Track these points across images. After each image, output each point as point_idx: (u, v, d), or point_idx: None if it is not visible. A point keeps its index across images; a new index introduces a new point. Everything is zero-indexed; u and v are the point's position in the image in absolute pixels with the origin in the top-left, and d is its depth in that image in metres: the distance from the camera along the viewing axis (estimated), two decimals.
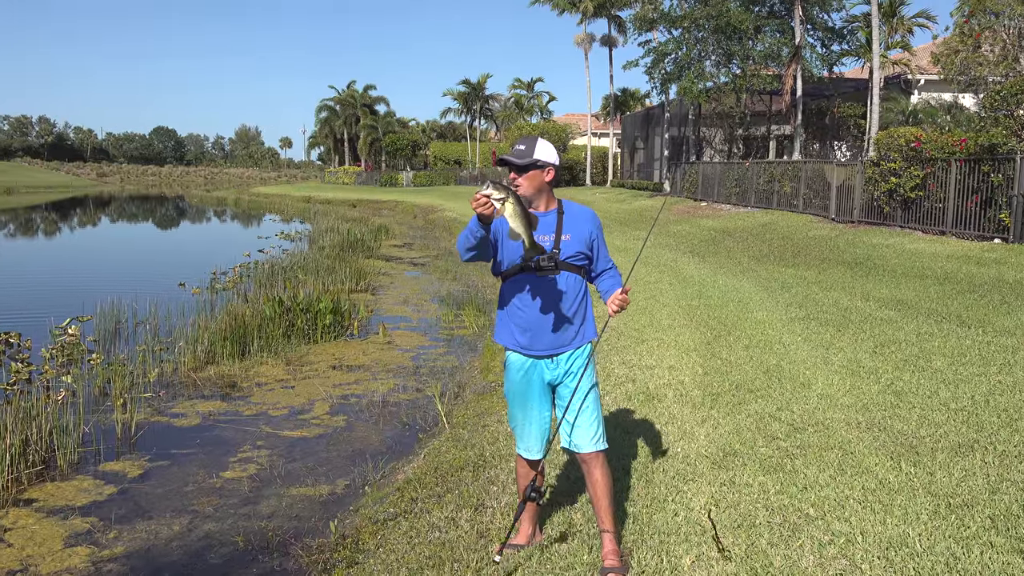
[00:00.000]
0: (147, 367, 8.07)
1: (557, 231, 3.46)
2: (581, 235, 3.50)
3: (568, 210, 3.55)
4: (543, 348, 3.47)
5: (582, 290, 3.54)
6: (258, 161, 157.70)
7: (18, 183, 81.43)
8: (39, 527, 4.72)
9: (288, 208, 44.67)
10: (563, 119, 60.87)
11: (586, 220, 3.56)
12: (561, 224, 3.48)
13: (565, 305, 3.46)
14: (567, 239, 3.47)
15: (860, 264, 12.62)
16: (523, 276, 3.44)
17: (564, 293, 3.46)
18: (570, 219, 3.52)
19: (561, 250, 3.45)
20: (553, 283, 3.44)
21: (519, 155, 3.42)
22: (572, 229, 3.50)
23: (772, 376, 6.40)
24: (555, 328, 3.45)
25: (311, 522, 4.78)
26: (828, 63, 26.56)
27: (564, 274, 3.45)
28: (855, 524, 3.74)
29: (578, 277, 3.51)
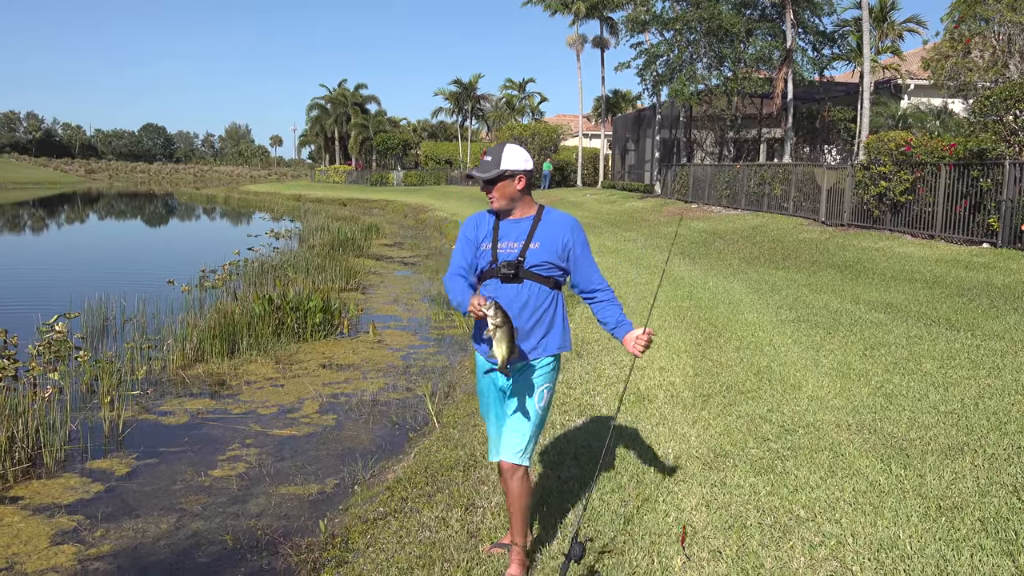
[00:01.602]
0: (135, 364, 8.02)
1: (527, 239, 3.39)
2: (552, 244, 3.39)
3: (546, 218, 3.46)
4: None
5: (548, 302, 3.42)
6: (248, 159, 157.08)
7: (5, 179, 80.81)
8: (25, 525, 4.68)
9: (278, 206, 44.52)
10: (554, 120, 60.89)
11: (562, 228, 3.44)
12: (533, 232, 3.40)
13: (525, 316, 3.36)
14: (535, 247, 3.38)
15: (850, 267, 12.67)
16: (491, 281, 3.41)
17: (526, 303, 3.36)
18: (545, 227, 3.43)
19: (526, 258, 3.36)
20: (516, 292, 3.36)
21: (485, 168, 3.34)
22: (543, 237, 3.41)
23: (763, 378, 6.41)
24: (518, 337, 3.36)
25: (300, 521, 4.75)
26: (819, 67, 26.68)
27: (528, 283, 3.36)
28: (846, 526, 3.74)
29: (544, 288, 3.40)
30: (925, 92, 25.13)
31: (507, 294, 3.35)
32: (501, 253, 3.40)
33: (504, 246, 3.40)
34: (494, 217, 3.48)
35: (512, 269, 3.34)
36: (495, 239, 3.42)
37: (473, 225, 3.53)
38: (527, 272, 3.36)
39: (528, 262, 3.36)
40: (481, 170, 3.35)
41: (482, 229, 3.48)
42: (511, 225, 3.44)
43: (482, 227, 3.48)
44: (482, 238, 3.45)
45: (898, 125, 22.33)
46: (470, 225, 3.53)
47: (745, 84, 26.23)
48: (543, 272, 3.39)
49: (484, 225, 3.49)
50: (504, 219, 3.46)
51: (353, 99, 76.74)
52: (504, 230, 3.44)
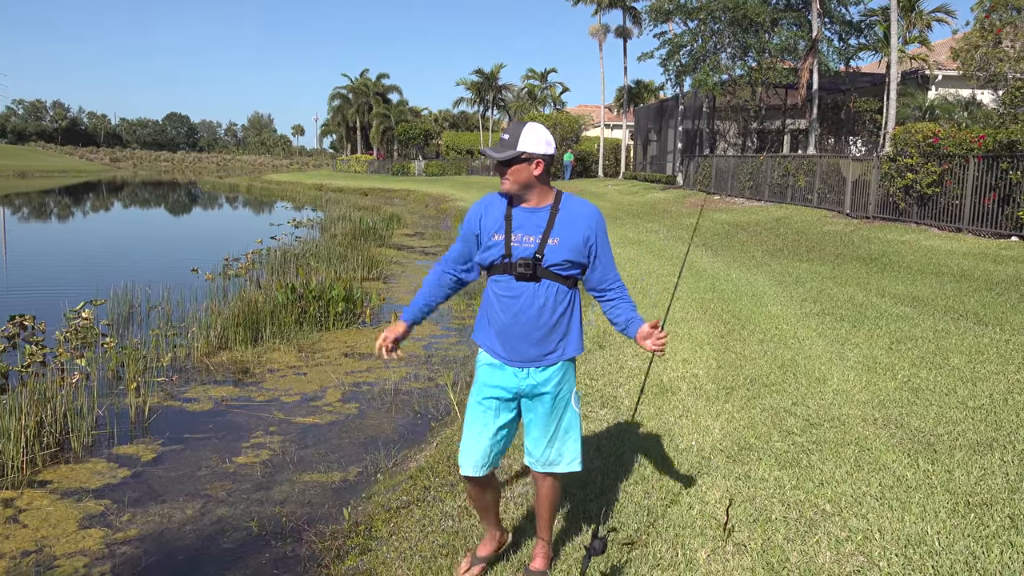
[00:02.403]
0: (160, 351, 8.10)
1: (545, 233, 3.05)
2: (573, 240, 3.07)
3: (565, 207, 3.11)
4: (514, 357, 3.13)
5: (567, 302, 3.13)
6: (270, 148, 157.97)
7: (32, 167, 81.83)
8: (53, 509, 4.74)
9: (300, 196, 44.73)
10: (576, 110, 60.67)
11: (583, 222, 3.11)
12: (552, 224, 3.06)
13: (544, 317, 3.08)
14: (554, 243, 3.04)
15: (875, 260, 12.53)
16: (504, 277, 3.10)
17: (544, 304, 3.07)
18: (564, 219, 3.08)
19: (545, 256, 3.04)
20: (532, 291, 3.06)
21: (501, 147, 3.00)
22: (563, 232, 3.07)
23: (787, 371, 6.36)
24: (529, 339, 3.10)
25: (324, 508, 4.78)
26: (845, 57, 26.36)
27: (546, 283, 3.06)
28: (872, 521, 3.70)
29: (564, 288, 3.10)
30: (953, 83, 24.77)
31: (523, 295, 3.06)
32: (516, 248, 3.06)
33: (518, 239, 3.06)
34: (506, 202, 3.13)
35: (529, 268, 3.03)
36: (508, 229, 3.07)
37: (480, 212, 3.19)
38: (545, 271, 3.05)
39: (547, 260, 3.04)
40: (496, 149, 3.01)
41: (492, 216, 3.13)
42: (526, 215, 3.09)
43: (492, 213, 3.14)
44: (493, 227, 3.11)
45: (925, 116, 22.04)
46: (477, 211, 3.20)
47: (769, 74, 25.97)
48: (563, 272, 3.08)
49: (494, 211, 3.14)
50: (518, 206, 3.11)
51: (375, 89, 76.90)
52: (518, 220, 3.09)
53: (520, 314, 3.07)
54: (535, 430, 3.23)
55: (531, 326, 3.08)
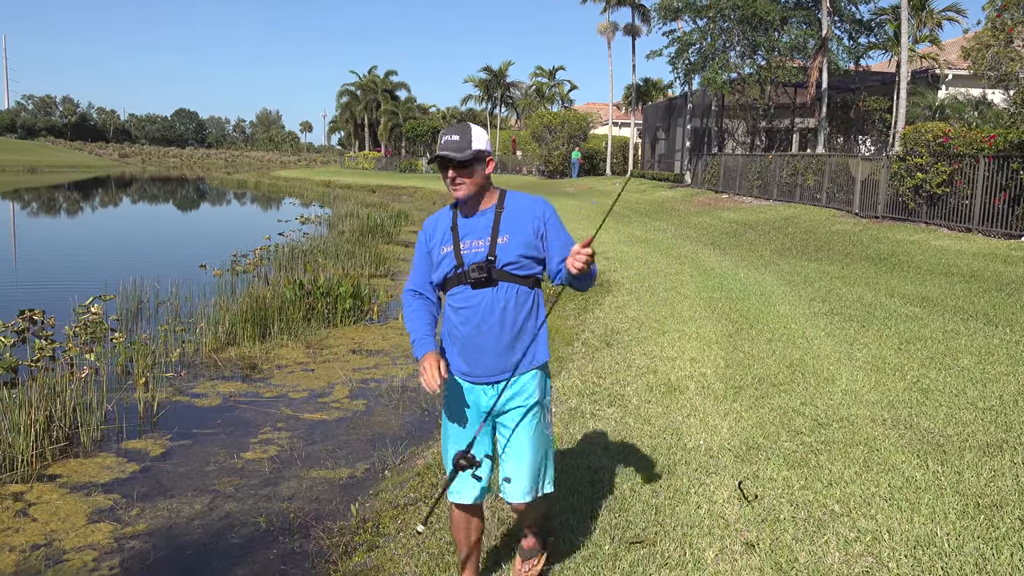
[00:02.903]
0: (169, 347, 8.12)
1: (493, 233, 2.92)
2: (523, 234, 2.93)
3: (510, 204, 3.00)
4: (482, 374, 2.97)
5: (530, 303, 2.98)
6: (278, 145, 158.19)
7: (41, 162, 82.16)
8: (63, 503, 4.76)
9: (308, 192, 44.78)
10: (584, 108, 60.60)
11: (528, 213, 2.97)
12: (498, 223, 2.94)
13: (507, 322, 2.92)
14: (504, 242, 2.91)
15: (884, 260, 12.49)
16: (459, 288, 2.95)
17: (505, 308, 2.91)
18: (511, 215, 2.96)
19: (497, 256, 2.90)
20: (491, 296, 2.90)
21: (458, 147, 2.86)
22: (511, 227, 2.94)
23: (795, 370, 6.34)
24: (494, 350, 2.93)
25: (332, 505, 4.79)
26: (855, 56, 26.25)
27: (503, 285, 2.91)
28: (881, 522, 3.69)
29: (524, 288, 2.95)
30: (964, 82, 24.65)
31: (481, 303, 2.91)
32: (467, 255, 2.93)
33: (467, 245, 2.94)
34: (451, 213, 3.03)
35: (483, 272, 2.88)
36: (456, 239, 2.96)
37: (431, 227, 3.08)
38: (501, 273, 2.91)
39: (500, 260, 2.91)
40: (454, 149, 2.85)
41: (440, 230, 3.02)
42: (472, 221, 2.97)
43: (440, 227, 3.03)
44: (441, 240, 2.99)
45: (935, 116, 21.94)
46: (427, 230, 3.09)
47: (779, 73, 25.87)
48: (520, 271, 2.93)
49: (442, 224, 3.03)
50: (464, 214, 2.99)
51: (383, 86, 76.95)
52: (465, 227, 2.97)
53: (482, 324, 2.92)
54: (512, 455, 3.05)
55: (495, 335, 2.92)
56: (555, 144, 42.97)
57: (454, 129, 2.90)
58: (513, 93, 67.02)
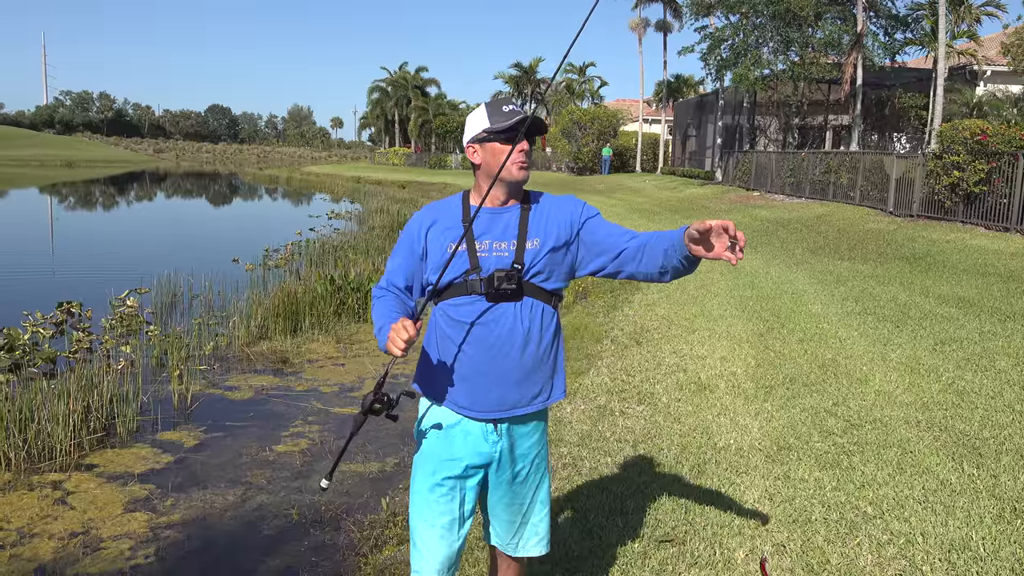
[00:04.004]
0: (202, 340, 8.23)
1: (520, 234, 2.36)
2: (555, 239, 2.38)
3: (539, 203, 2.46)
4: (487, 407, 2.37)
5: (555, 326, 2.44)
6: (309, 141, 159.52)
7: (78, 157, 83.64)
8: (100, 492, 4.85)
9: (338, 188, 45.10)
10: (614, 104, 60.34)
11: (562, 213, 2.44)
12: (526, 222, 2.39)
13: (531, 348, 2.36)
14: (534, 246, 2.36)
15: (919, 259, 12.31)
16: (468, 299, 2.35)
17: (530, 330, 2.35)
18: (540, 215, 2.41)
19: (525, 264, 2.34)
20: (513, 313, 2.33)
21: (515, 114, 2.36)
22: (542, 230, 2.38)
23: (827, 370, 6.28)
24: (509, 380, 2.36)
25: (362, 498, 4.83)
26: (891, 52, 25.85)
27: (529, 301, 2.35)
28: (915, 525, 3.65)
29: (549, 308, 2.41)
30: (1003, 79, 24.21)
31: (501, 320, 2.33)
32: (485, 258, 2.34)
33: (485, 247, 2.35)
34: (460, 204, 2.47)
35: (512, 282, 2.30)
36: (470, 236, 2.35)
37: (425, 221, 2.45)
38: (529, 286, 2.35)
39: (528, 269, 2.35)
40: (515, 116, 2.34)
41: (444, 224, 2.42)
42: (492, 216, 2.39)
43: (443, 221, 2.43)
44: (445, 237, 2.39)
45: (973, 113, 21.57)
46: (421, 221, 2.46)
47: (812, 69, 25.57)
48: (548, 284, 2.39)
49: (446, 218, 2.44)
50: (481, 206, 2.38)
51: (413, 82, 77.27)
52: (483, 223, 2.38)
53: (498, 347, 2.34)
54: (506, 506, 2.52)
55: (514, 362, 2.35)
56: (585, 141, 42.84)
57: (508, 101, 2.41)
58: (543, 89, 66.87)
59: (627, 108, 56.84)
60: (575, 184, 36.15)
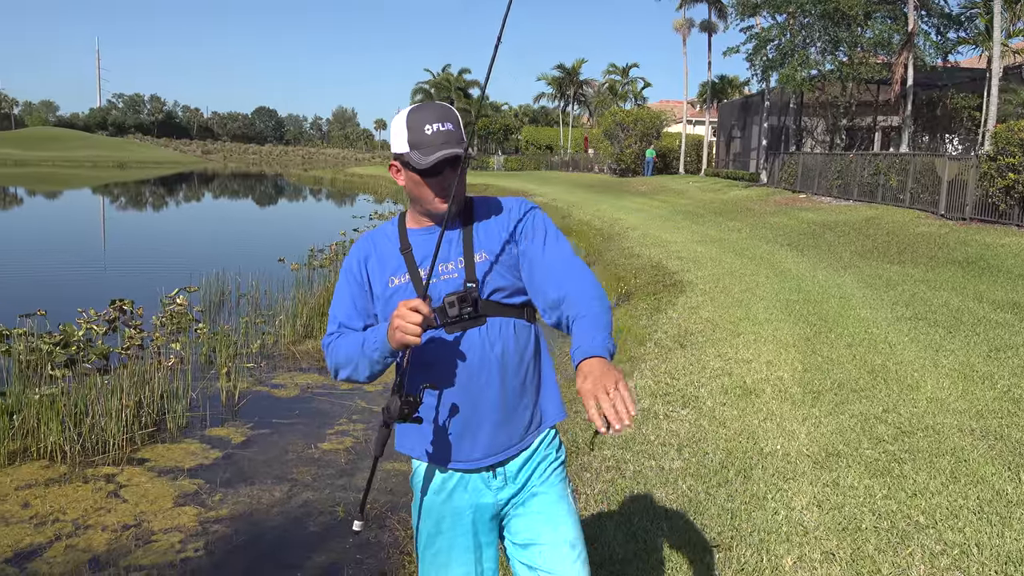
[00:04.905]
0: (249, 338, 8.37)
1: (466, 250, 2.06)
2: (501, 239, 2.08)
3: (480, 211, 2.13)
4: (476, 455, 2.06)
5: (532, 343, 2.11)
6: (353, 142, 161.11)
7: (130, 158, 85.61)
8: (151, 485, 4.96)
9: (381, 189, 45.49)
10: (657, 106, 59.94)
11: (505, 213, 2.12)
12: (471, 237, 2.08)
13: (508, 373, 2.04)
14: (484, 259, 2.05)
15: (972, 264, 12.01)
16: (428, 334, 2.00)
17: (504, 352, 2.03)
18: (484, 226, 2.10)
19: (480, 281, 2.03)
20: (479, 340, 2.02)
21: (458, 138, 1.99)
22: (489, 241, 2.07)
23: (877, 376, 6.16)
24: (493, 416, 2.05)
25: (406, 497, 4.86)
26: (943, 51, 25.26)
27: (495, 322, 2.03)
28: (969, 535, 3.56)
29: (521, 323, 2.08)
30: None
31: (468, 350, 2.01)
32: (433, 285, 2.03)
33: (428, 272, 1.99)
34: (396, 232, 2.15)
35: (465, 304, 1.99)
36: (411, 263, 2.07)
37: (363, 252, 2.16)
38: (489, 304, 2.03)
39: (484, 286, 2.03)
40: (456, 141, 1.98)
41: (382, 253, 2.12)
42: (431, 238, 2.06)
43: (381, 249, 2.13)
44: (387, 269, 2.10)
45: None
46: (359, 254, 2.16)
47: (861, 70, 25.10)
48: (512, 299, 2.06)
49: (384, 246, 2.14)
50: (414, 228, 2.13)
51: (456, 84, 77.58)
52: (422, 247, 2.08)
53: (472, 382, 2.02)
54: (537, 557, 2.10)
55: (494, 396, 2.03)
56: (627, 142, 42.62)
57: (433, 112, 2.00)
58: (586, 91, 66.82)
59: (671, 109, 56.42)
60: (617, 185, 35.98)
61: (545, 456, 2.14)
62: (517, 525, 2.12)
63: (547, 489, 2.12)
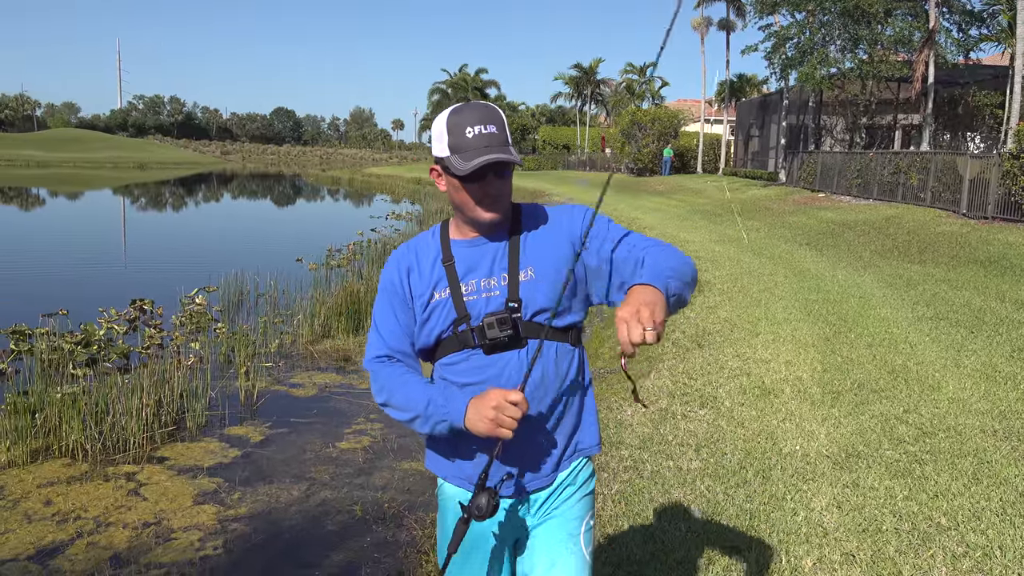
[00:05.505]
0: (268, 338, 8.42)
1: (511, 266, 1.94)
2: (555, 262, 1.94)
3: (528, 222, 2.00)
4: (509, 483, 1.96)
5: (575, 369, 1.99)
6: (371, 142, 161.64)
7: (150, 159, 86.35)
8: (171, 484, 5.00)
9: (399, 189, 45.62)
10: (675, 105, 59.73)
11: (558, 227, 1.99)
12: (518, 249, 1.95)
13: (545, 400, 1.94)
14: (529, 278, 1.93)
15: (995, 263, 11.87)
16: (461, 355, 1.94)
17: (543, 379, 1.92)
18: (533, 238, 1.97)
19: (522, 301, 1.91)
20: (517, 364, 1.91)
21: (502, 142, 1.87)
22: (538, 256, 1.95)
23: (898, 376, 6.10)
24: (529, 445, 1.94)
25: (423, 496, 4.88)
26: (964, 49, 24.97)
27: (535, 345, 1.90)
28: (992, 537, 3.52)
29: (565, 346, 1.96)
30: None
31: (503, 374, 1.91)
32: (472, 303, 1.93)
33: (471, 287, 1.94)
34: (438, 242, 2.02)
35: (505, 328, 1.87)
36: (452, 277, 1.95)
37: (404, 263, 2.03)
38: (531, 326, 1.91)
39: (527, 307, 1.91)
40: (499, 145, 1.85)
41: (425, 265, 2.00)
42: (475, 250, 1.96)
43: (423, 262, 2.01)
44: (429, 283, 1.97)
45: None
46: (398, 266, 2.04)
47: (881, 67, 24.87)
48: (559, 321, 1.94)
49: (425, 258, 2.01)
50: (459, 239, 2.00)
51: (474, 84, 77.69)
52: (465, 261, 1.96)
53: None
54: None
55: (527, 421, 1.86)
56: (645, 142, 42.48)
57: (475, 113, 1.87)
58: (603, 90, 66.68)
59: (688, 108, 56.22)
60: (635, 185, 35.88)
61: (571, 483, 2.03)
62: (524, 553, 2.05)
63: (560, 520, 2.02)
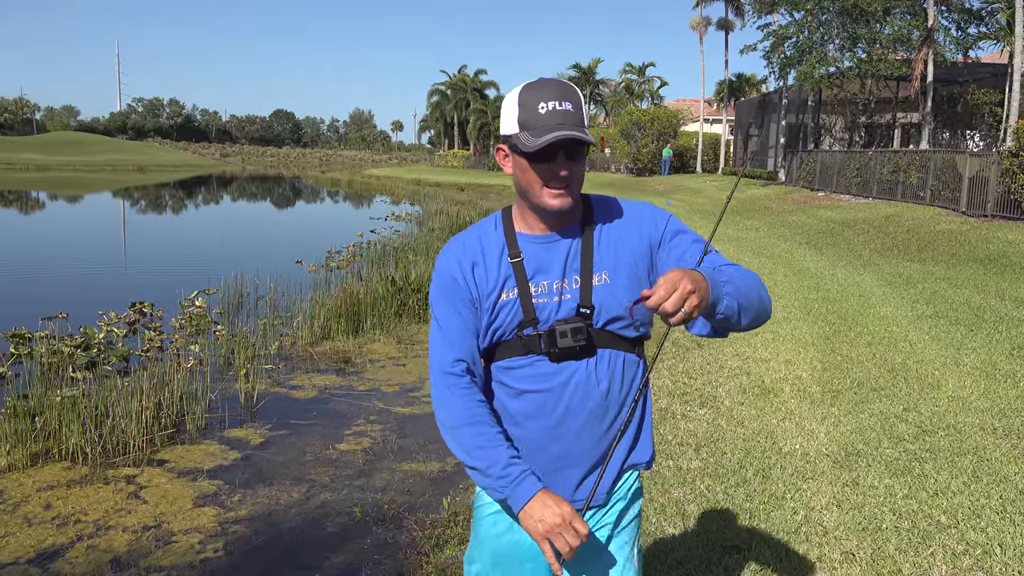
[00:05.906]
0: (268, 340, 8.41)
1: (584, 268, 1.79)
2: (632, 259, 1.81)
3: (601, 216, 1.85)
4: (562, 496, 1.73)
5: (637, 380, 1.86)
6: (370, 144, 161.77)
7: (149, 162, 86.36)
8: (171, 487, 4.99)
9: (398, 190, 45.63)
10: (674, 104, 59.74)
11: (636, 227, 1.84)
12: (590, 247, 1.81)
13: (611, 415, 1.82)
14: (604, 282, 1.79)
15: (994, 261, 11.87)
16: (525, 360, 1.81)
17: (609, 391, 1.81)
18: (607, 236, 1.83)
19: (596, 307, 1.78)
20: (585, 373, 1.79)
21: (577, 121, 1.70)
22: (612, 258, 1.81)
23: (897, 375, 6.10)
24: (585, 458, 1.83)
25: (424, 498, 4.88)
26: (963, 47, 24.99)
27: (605, 354, 1.80)
28: (992, 535, 3.52)
29: (631, 357, 1.84)
30: None
31: (570, 383, 1.79)
32: (541, 305, 1.79)
33: (540, 289, 1.79)
34: (503, 235, 1.86)
35: (580, 336, 1.75)
36: (521, 277, 1.80)
37: (468, 258, 1.85)
38: (603, 335, 1.79)
39: (600, 314, 1.78)
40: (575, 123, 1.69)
41: (490, 261, 1.83)
42: (544, 247, 1.82)
43: (488, 256, 1.84)
44: (496, 281, 1.82)
45: None
46: (460, 261, 1.85)
47: (880, 66, 24.87)
48: (631, 332, 1.83)
49: (490, 255, 1.84)
50: (525, 233, 1.84)
51: (473, 85, 77.73)
52: (535, 257, 1.81)
53: (570, 417, 1.80)
54: None
55: (592, 437, 1.81)
56: (644, 141, 42.50)
57: (550, 89, 1.72)
58: (602, 91, 66.67)
59: (687, 108, 56.22)
60: (635, 185, 35.89)
61: (623, 498, 1.90)
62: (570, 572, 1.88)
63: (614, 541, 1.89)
